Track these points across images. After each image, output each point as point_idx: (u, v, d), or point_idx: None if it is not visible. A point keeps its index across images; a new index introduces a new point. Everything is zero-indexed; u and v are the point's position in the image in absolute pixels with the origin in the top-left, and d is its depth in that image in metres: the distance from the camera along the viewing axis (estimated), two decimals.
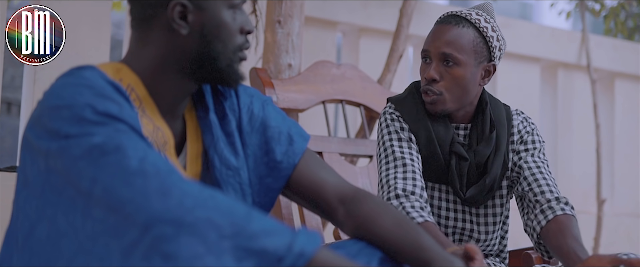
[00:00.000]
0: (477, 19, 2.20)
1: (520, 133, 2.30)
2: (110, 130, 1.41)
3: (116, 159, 1.37)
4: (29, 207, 1.45)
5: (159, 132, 1.60)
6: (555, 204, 2.16)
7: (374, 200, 1.72)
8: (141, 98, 1.59)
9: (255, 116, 1.75)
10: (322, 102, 2.88)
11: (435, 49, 2.18)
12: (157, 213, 1.32)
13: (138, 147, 1.40)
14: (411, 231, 1.66)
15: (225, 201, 1.36)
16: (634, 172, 5.41)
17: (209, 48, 1.59)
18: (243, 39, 1.63)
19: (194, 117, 1.70)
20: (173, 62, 1.59)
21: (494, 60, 2.22)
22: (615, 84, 5.41)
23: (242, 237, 1.32)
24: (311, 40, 4.09)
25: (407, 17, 3.76)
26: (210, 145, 1.67)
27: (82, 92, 1.44)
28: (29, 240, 1.44)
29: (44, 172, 1.43)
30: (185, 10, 1.57)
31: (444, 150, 2.20)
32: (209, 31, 1.58)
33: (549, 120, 5.35)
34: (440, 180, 2.23)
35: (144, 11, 1.58)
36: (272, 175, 1.74)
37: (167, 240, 1.31)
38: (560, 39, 5.22)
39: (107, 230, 1.35)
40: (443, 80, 2.17)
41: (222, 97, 1.72)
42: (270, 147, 1.74)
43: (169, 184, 1.35)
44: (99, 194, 1.36)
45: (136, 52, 1.61)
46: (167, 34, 1.58)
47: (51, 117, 1.43)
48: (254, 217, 1.35)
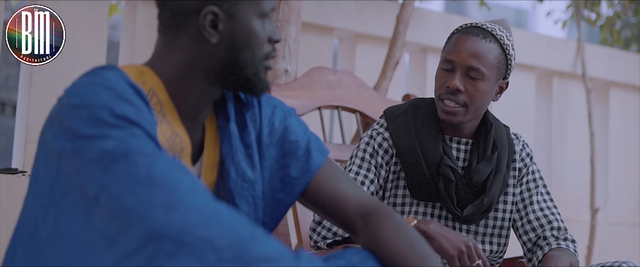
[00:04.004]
0: (501, 35, 2.18)
1: (523, 161, 2.31)
2: (125, 134, 1.40)
3: (124, 167, 1.37)
4: (37, 205, 1.45)
5: (177, 139, 1.59)
6: (553, 241, 2.20)
7: (394, 219, 1.67)
8: (162, 102, 1.58)
9: (275, 129, 1.73)
10: (318, 108, 2.88)
11: (461, 60, 2.14)
12: (159, 227, 1.31)
13: (148, 154, 1.39)
14: (424, 257, 1.63)
15: (230, 220, 1.34)
16: (628, 181, 5.42)
17: (238, 57, 1.58)
18: (270, 48, 1.63)
19: (214, 126, 1.69)
20: (200, 69, 1.58)
21: (507, 77, 2.22)
22: (610, 94, 5.42)
23: (242, 261, 1.31)
24: (308, 46, 4.09)
25: (404, 24, 3.77)
26: (227, 155, 1.66)
27: (101, 92, 1.44)
28: (32, 239, 1.44)
29: (55, 173, 1.43)
30: (216, 19, 1.56)
31: (431, 170, 2.19)
32: (239, 40, 1.58)
33: (544, 129, 5.35)
34: (431, 198, 2.22)
35: (175, 17, 1.57)
36: (285, 190, 1.72)
37: (166, 256, 1.30)
38: (555, 47, 5.23)
39: (103, 238, 1.34)
40: (465, 92, 2.15)
41: (245, 107, 1.71)
42: (287, 163, 1.72)
43: (174, 197, 1.34)
44: (105, 201, 1.35)
45: (162, 56, 1.60)
46: (197, 41, 1.57)
47: (69, 116, 1.43)
48: (257, 241, 1.33)
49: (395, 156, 2.23)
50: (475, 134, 2.25)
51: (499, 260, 2.33)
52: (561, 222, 2.26)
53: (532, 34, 5.52)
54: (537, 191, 2.29)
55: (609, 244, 5.13)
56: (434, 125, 2.22)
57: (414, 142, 2.19)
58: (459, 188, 2.19)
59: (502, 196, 2.28)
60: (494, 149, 2.23)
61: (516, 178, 2.29)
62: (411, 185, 2.21)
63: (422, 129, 2.21)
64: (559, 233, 2.23)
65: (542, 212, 2.27)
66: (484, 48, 2.14)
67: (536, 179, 2.31)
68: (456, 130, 2.23)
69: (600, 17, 5.63)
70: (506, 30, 2.20)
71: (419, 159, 2.18)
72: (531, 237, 2.25)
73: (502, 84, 2.22)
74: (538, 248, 2.23)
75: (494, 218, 2.27)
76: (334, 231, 2.13)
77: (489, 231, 2.27)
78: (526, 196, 2.29)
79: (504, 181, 2.24)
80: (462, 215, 2.20)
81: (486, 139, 2.23)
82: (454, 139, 2.24)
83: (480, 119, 2.24)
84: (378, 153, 2.22)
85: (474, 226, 2.25)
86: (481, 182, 2.21)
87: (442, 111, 2.17)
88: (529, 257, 2.26)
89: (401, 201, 2.24)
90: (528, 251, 2.27)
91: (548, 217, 2.26)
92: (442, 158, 2.18)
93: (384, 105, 2.79)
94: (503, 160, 2.24)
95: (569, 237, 2.23)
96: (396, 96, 4.12)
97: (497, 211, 2.27)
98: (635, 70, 5.43)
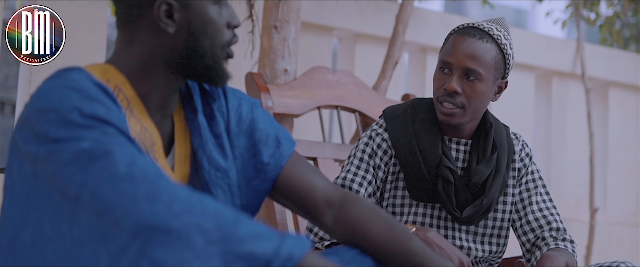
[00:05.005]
0: (498, 35, 2.17)
1: (522, 161, 2.31)
2: (98, 134, 1.40)
3: (105, 165, 1.37)
4: (14, 211, 1.45)
5: (147, 133, 1.59)
6: (551, 241, 2.20)
7: (363, 204, 1.71)
8: (129, 99, 1.58)
9: (243, 118, 1.75)
10: (317, 108, 2.88)
11: (458, 62, 2.14)
12: (146, 219, 1.32)
13: (127, 152, 1.40)
14: (401, 235, 1.66)
15: (213, 206, 1.36)
16: (627, 181, 5.43)
17: (197, 45, 1.58)
18: (230, 34, 1.63)
19: (182, 119, 1.70)
20: (160, 60, 1.59)
21: (506, 77, 2.22)
22: (609, 93, 5.43)
23: (230, 242, 1.33)
24: (307, 45, 4.10)
25: (403, 23, 3.77)
26: (199, 146, 1.67)
27: (69, 94, 1.44)
28: (13, 244, 1.44)
29: (31, 177, 1.42)
30: (171, 9, 1.56)
31: (430, 171, 2.19)
32: (196, 28, 1.58)
33: (543, 129, 5.36)
34: (430, 199, 2.22)
35: (130, 12, 1.58)
36: (259, 177, 1.74)
37: (156, 246, 1.31)
38: (555, 47, 5.23)
39: (94, 236, 1.35)
40: (463, 94, 2.15)
41: (211, 98, 1.72)
42: (258, 149, 1.74)
43: (157, 189, 1.35)
44: (87, 200, 1.36)
45: (123, 52, 1.60)
46: (154, 33, 1.57)
47: (39, 121, 1.42)
48: (242, 222, 1.35)
49: (394, 157, 2.22)
50: (474, 135, 2.25)
51: (498, 260, 2.33)
52: (560, 222, 2.26)
53: (531, 33, 5.53)
54: (536, 191, 2.29)
55: (608, 244, 5.13)
56: (433, 126, 2.22)
57: (412, 143, 2.19)
58: (458, 189, 2.19)
59: (502, 197, 2.28)
60: (494, 149, 2.23)
61: (515, 178, 2.29)
62: (410, 186, 2.21)
63: (421, 129, 2.21)
64: (558, 234, 2.24)
65: (541, 212, 2.27)
66: (480, 49, 2.14)
67: (535, 179, 2.31)
68: (456, 131, 2.23)
69: (600, 17, 5.64)
70: (504, 29, 2.19)
71: (417, 160, 2.18)
72: (530, 238, 2.25)
73: (500, 83, 2.22)
74: (537, 249, 2.23)
75: (493, 218, 2.27)
76: None
77: (488, 232, 2.27)
78: (525, 196, 2.29)
79: (504, 181, 2.24)
80: (462, 216, 2.20)
81: (486, 139, 2.23)
82: (453, 139, 2.24)
83: (479, 119, 2.24)
84: (377, 154, 2.22)
85: (473, 227, 2.25)
86: (480, 183, 2.21)
87: (441, 113, 2.17)
88: (528, 257, 2.26)
89: (400, 202, 2.24)
90: (527, 252, 2.27)
91: (547, 217, 2.26)
92: (441, 159, 2.18)
93: (383, 105, 2.79)
94: (502, 160, 2.23)
95: (567, 238, 2.23)
96: (395, 96, 4.13)
97: (496, 212, 2.27)
98: (635, 70, 5.43)
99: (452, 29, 2.22)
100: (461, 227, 2.25)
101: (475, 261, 2.27)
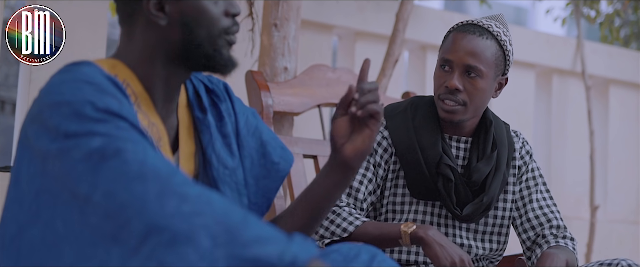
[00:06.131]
0: (498, 32, 2.17)
1: (523, 159, 2.31)
2: (110, 128, 1.39)
3: (116, 164, 1.36)
4: (19, 208, 1.43)
5: (154, 128, 1.59)
6: (552, 239, 2.20)
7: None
8: (137, 93, 1.58)
9: (250, 121, 1.78)
10: (317, 106, 2.88)
11: (459, 59, 2.14)
12: (155, 220, 1.32)
13: (138, 150, 1.39)
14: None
15: (222, 206, 1.36)
16: (628, 178, 5.43)
17: (192, 36, 1.58)
18: (229, 21, 1.62)
19: (187, 116, 1.70)
20: (160, 53, 1.59)
21: (506, 73, 2.22)
22: (609, 91, 5.43)
23: (236, 245, 1.32)
24: (307, 43, 4.10)
25: (404, 21, 3.77)
26: (208, 144, 1.68)
27: (82, 88, 1.43)
28: (16, 241, 1.42)
29: (40, 174, 1.41)
30: (161, 2, 1.57)
31: (430, 169, 2.19)
32: (189, 19, 1.58)
33: (543, 126, 5.36)
34: (431, 197, 2.22)
35: (126, 7, 1.59)
36: (270, 176, 1.78)
37: (165, 247, 1.30)
38: (555, 45, 5.23)
39: (106, 237, 1.34)
40: (464, 91, 2.15)
41: (217, 99, 1.73)
42: (267, 150, 1.78)
43: (168, 189, 1.34)
44: (97, 200, 1.35)
45: (126, 47, 1.61)
46: (150, 27, 1.58)
47: (51, 114, 1.41)
48: (250, 224, 1.35)
49: (394, 155, 2.22)
50: (475, 132, 2.25)
51: (498, 258, 2.33)
52: (560, 220, 2.26)
53: (531, 31, 5.53)
54: (536, 189, 2.29)
55: (609, 242, 5.14)
56: (433, 124, 2.22)
57: (413, 141, 2.19)
58: (459, 187, 2.19)
59: (502, 194, 2.28)
60: (494, 147, 2.23)
61: (516, 176, 2.29)
62: (410, 184, 2.21)
63: (422, 127, 2.21)
64: (558, 231, 2.24)
65: (541, 210, 2.27)
66: (481, 46, 2.14)
67: (536, 177, 2.31)
68: (456, 128, 2.23)
69: (600, 14, 5.64)
70: (503, 26, 2.20)
71: (418, 158, 2.18)
72: (530, 236, 2.25)
73: (501, 80, 2.22)
74: (537, 246, 2.23)
75: (493, 216, 2.27)
76: (332, 231, 2.12)
77: (488, 229, 2.27)
78: (526, 194, 2.29)
79: (504, 179, 2.24)
80: (462, 214, 2.20)
81: (486, 137, 2.23)
82: (453, 137, 2.24)
83: (480, 117, 2.24)
84: (377, 152, 2.22)
85: (474, 225, 2.25)
86: (481, 181, 2.21)
87: (443, 110, 2.17)
88: (529, 255, 2.26)
89: (401, 200, 2.24)
90: (527, 250, 2.27)
91: (547, 215, 2.26)
92: (442, 157, 2.18)
93: (384, 103, 2.79)
94: (503, 158, 2.23)
95: (568, 236, 2.23)
96: (396, 94, 4.12)
97: (496, 209, 2.27)
98: (635, 68, 5.43)
99: (451, 27, 2.22)
100: (461, 225, 2.25)
101: (475, 258, 2.27)
